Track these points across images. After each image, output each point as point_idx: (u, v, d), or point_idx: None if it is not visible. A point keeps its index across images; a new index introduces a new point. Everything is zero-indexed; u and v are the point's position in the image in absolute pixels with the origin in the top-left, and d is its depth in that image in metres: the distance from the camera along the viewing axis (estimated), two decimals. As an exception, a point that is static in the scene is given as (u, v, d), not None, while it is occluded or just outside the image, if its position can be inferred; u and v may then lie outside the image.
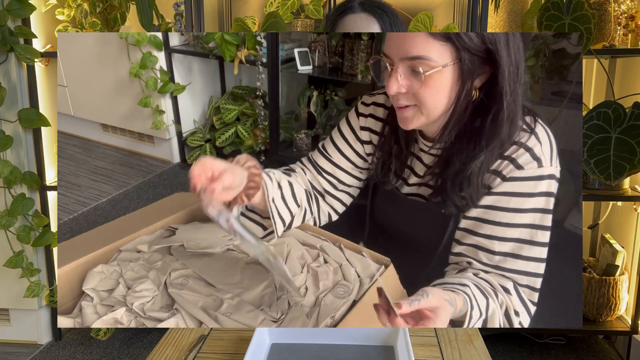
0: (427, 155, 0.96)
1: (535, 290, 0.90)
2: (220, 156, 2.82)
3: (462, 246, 0.92)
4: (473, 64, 0.80)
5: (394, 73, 0.81)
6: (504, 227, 0.87)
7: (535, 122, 0.88)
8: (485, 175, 0.87)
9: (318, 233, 1.01)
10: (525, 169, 0.85)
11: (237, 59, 2.33)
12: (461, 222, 0.92)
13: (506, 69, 0.80)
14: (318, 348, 0.89)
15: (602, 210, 2.17)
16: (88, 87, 2.96)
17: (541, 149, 0.86)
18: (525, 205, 0.86)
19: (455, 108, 0.84)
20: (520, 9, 2.14)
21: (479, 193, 0.88)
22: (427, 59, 0.78)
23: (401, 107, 0.85)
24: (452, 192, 0.89)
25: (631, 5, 1.85)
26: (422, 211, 0.98)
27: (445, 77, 0.80)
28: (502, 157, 0.86)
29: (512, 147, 0.86)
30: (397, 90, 0.82)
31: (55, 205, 2.16)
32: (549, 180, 0.86)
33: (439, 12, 2.16)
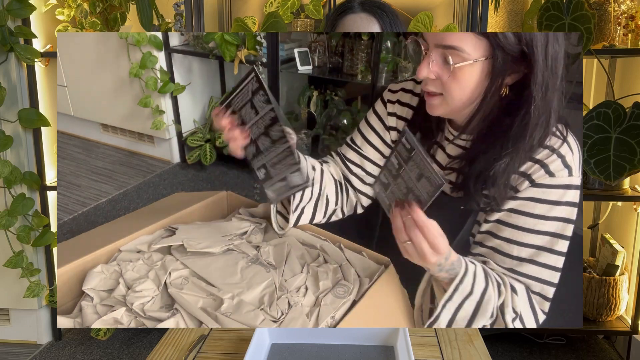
0: (452, 145, 0.95)
1: (547, 300, 0.89)
2: (220, 157, 2.82)
3: (483, 248, 0.90)
4: (506, 62, 0.79)
5: (427, 58, 0.81)
6: (526, 232, 0.86)
7: (567, 130, 0.86)
8: (513, 177, 0.86)
9: (318, 233, 1.01)
10: (557, 176, 0.84)
11: (237, 59, 2.33)
12: (483, 225, 0.91)
13: (539, 74, 0.79)
14: (318, 348, 0.89)
15: (602, 210, 2.17)
16: (88, 87, 2.95)
17: (572, 158, 0.85)
18: (551, 213, 0.85)
19: (482, 102, 0.83)
20: (520, 9, 2.14)
21: (504, 194, 0.86)
22: (460, 50, 0.78)
23: (428, 92, 0.85)
24: (475, 190, 0.88)
25: (631, 5, 1.85)
26: (442, 204, 0.95)
27: (475, 72, 0.80)
28: (533, 161, 0.85)
29: (544, 151, 0.84)
30: (426, 75, 0.82)
31: (55, 205, 2.16)
32: (575, 190, 0.85)
33: (439, 12, 2.16)
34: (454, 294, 0.80)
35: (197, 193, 1.22)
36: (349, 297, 0.84)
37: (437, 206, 0.95)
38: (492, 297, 0.83)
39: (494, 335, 2.12)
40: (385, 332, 0.90)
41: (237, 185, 2.73)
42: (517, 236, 0.86)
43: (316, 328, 0.80)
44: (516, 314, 0.85)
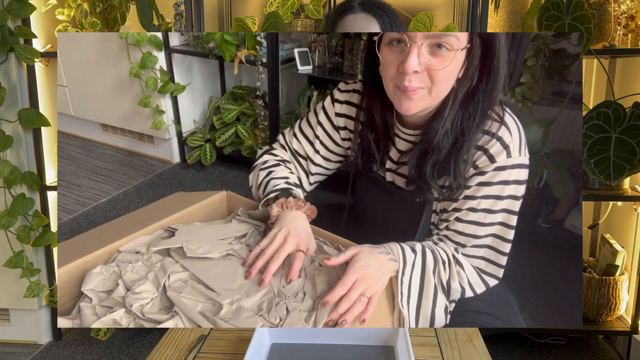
0: (401, 140, 0.99)
1: (500, 266, 0.96)
2: (220, 157, 2.82)
3: (442, 232, 0.97)
4: (479, 49, 0.85)
5: (415, 49, 0.82)
6: (480, 213, 0.93)
7: (503, 111, 0.91)
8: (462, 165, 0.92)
9: (317, 233, 1.01)
10: (497, 160, 0.89)
11: (237, 59, 2.33)
12: (441, 214, 0.98)
13: (501, 66, 0.85)
14: (318, 348, 0.89)
15: (602, 210, 2.17)
16: (88, 87, 2.95)
17: (510, 138, 0.89)
18: (501, 192, 0.91)
19: (449, 95, 0.88)
20: (520, 9, 2.14)
21: (459, 181, 0.91)
22: (454, 37, 0.81)
23: (411, 89, 0.85)
24: (432, 181, 0.93)
25: (631, 5, 1.85)
26: (398, 198, 1.02)
27: (459, 61, 0.84)
28: (476, 148, 0.90)
29: (485, 137, 0.89)
30: (416, 68, 0.82)
31: (55, 205, 2.16)
32: (518, 169, 0.90)
33: (439, 12, 2.16)
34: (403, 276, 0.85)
35: (197, 193, 1.22)
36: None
37: (395, 201, 1.02)
38: (436, 275, 0.89)
39: (494, 335, 2.12)
40: (385, 332, 0.90)
41: (237, 185, 2.73)
42: (468, 217, 0.93)
43: (316, 328, 0.80)
44: (462, 289, 0.93)
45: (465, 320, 0.98)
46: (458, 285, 0.92)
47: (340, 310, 0.75)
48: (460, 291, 0.93)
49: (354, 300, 0.76)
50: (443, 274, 0.90)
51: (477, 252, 0.95)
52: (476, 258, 0.95)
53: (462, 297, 0.95)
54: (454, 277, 0.92)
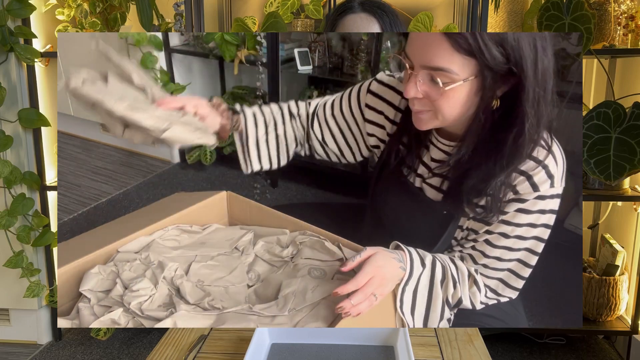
0: (436, 149, 0.95)
1: (516, 290, 0.96)
2: (220, 157, 2.82)
3: (466, 251, 0.96)
4: (495, 79, 0.78)
5: (413, 78, 0.80)
6: (511, 240, 0.91)
7: (551, 139, 0.87)
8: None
9: (317, 233, 1.01)
10: (540, 189, 0.86)
11: (237, 59, 2.33)
12: (469, 233, 0.95)
13: (531, 91, 0.78)
14: (318, 348, 0.89)
15: (602, 210, 2.17)
16: (88, 87, 2.95)
17: (556, 168, 0.86)
18: (535, 221, 0.89)
19: (474, 116, 0.83)
20: (520, 9, 2.14)
21: (497, 206, 0.88)
22: (449, 72, 0.76)
23: (416, 111, 0.84)
24: (467, 202, 0.90)
25: (631, 5, 1.85)
26: (425, 207, 0.98)
27: (464, 90, 0.79)
28: (518, 172, 0.86)
29: (530, 163, 0.85)
30: (415, 95, 0.81)
31: (55, 205, 2.16)
32: (557, 199, 0.89)
33: (439, 12, 2.16)
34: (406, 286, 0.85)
35: (197, 193, 1.22)
36: (325, 278, 0.86)
37: (421, 210, 0.99)
38: (443, 290, 0.89)
39: (494, 335, 2.12)
40: (385, 332, 0.90)
41: (237, 185, 2.73)
42: (499, 242, 0.91)
43: (316, 328, 0.80)
44: (473, 306, 0.93)
45: (468, 322, 0.98)
46: (469, 303, 0.92)
47: (353, 300, 0.75)
48: (471, 308, 0.93)
49: (368, 295, 0.77)
50: (452, 291, 0.89)
51: (497, 274, 0.94)
52: (494, 279, 0.94)
53: (471, 310, 0.95)
54: (465, 296, 0.91)
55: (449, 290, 0.89)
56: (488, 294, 0.95)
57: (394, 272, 0.82)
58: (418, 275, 0.86)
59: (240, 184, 2.74)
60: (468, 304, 0.93)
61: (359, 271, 0.79)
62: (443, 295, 0.89)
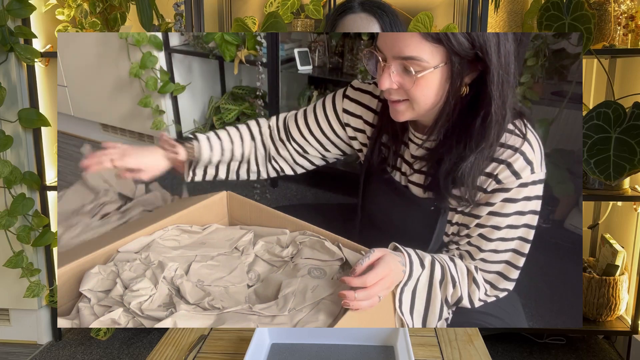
0: (415, 146, 0.98)
1: (511, 280, 0.97)
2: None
3: (462, 248, 0.97)
4: (462, 65, 0.82)
5: (387, 69, 0.83)
6: (502, 230, 0.92)
7: (525, 126, 0.90)
8: (480, 178, 0.90)
9: (317, 233, 1.01)
10: (522, 176, 0.88)
11: (237, 59, 2.33)
12: (460, 228, 0.96)
13: (495, 74, 0.82)
14: (318, 348, 0.89)
15: (602, 210, 2.17)
16: (88, 87, 2.95)
17: (533, 154, 0.88)
18: (523, 208, 0.91)
19: (445, 104, 0.86)
20: (520, 9, 2.14)
21: (473, 193, 0.91)
22: (420, 60, 0.80)
23: (393, 101, 0.88)
24: (445, 190, 0.92)
25: (631, 5, 1.85)
26: (412, 204, 1.01)
27: (436, 77, 0.82)
28: (497, 161, 0.89)
29: (507, 151, 0.88)
30: (389, 86, 0.84)
31: (55, 205, 2.16)
32: (539, 184, 0.90)
33: (439, 12, 2.16)
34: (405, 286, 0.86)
35: (198, 195, 1.22)
36: (324, 278, 0.87)
37: (409, 208, 1.01)
38: (442, 290, 0.90)
39: (494, 335, 2.12)
40: (385, 332, 0.90)
41: (237, 185, 2.73)
42: (493, 234, 0.92)
43: (316, 328, 0.80)
44: (472, 304, 0.94)
45: (467, 321, 0.98)
46: (468, 302, 0.94)
47: (357, 295, 0.76)
48: (470, 306, 0.94)
49: (373, 296, 0.78)
50: (451, 290, 0.90)
51: (495, 267, 0.95)
52: (492, 273, 0.96)
53: (470, 308, 0.96)
54: (465, 294, 0.92)
55: (448, 290, 0.90)
56: (488, 291, 0.96)
57: (399, 276, 0.84)
58: (417, 276, 0.87)
59: (240, 184, 2.74)
60: (467, 303, 0.93)
61: (370, 270, 0.79)
62: (442, 296, 0.90)
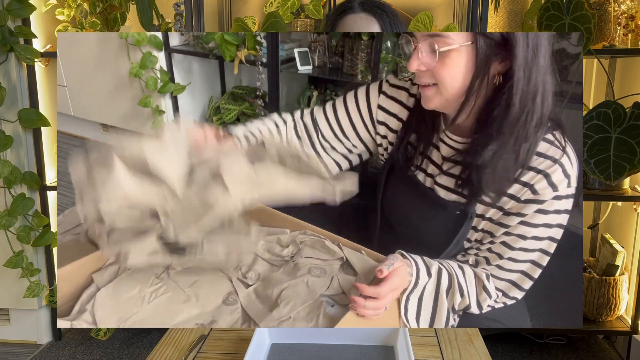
0: (447, 147, 0.96)
1: (523, 290, 0.96)
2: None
3: (482, 254, 0.95)
4: (489, 47, 0.81)
5: (416, 50, 0.84)
6: (528, 241, 0.91)
7: (564, 139, 0.88)
8: (515, 187, 0.88)
9: (317, 232, 1.01)
10: (559, 188, 0.86)
11: (237, 59, 2.33)
12: (485, 235, 0.95)
13: (521, 55, 0.80)
14: (318, 348, 0.89)
15: (602, 210, 2.17)
16: (88, 87, 2.95)
17: (571, 168, 0.87)
18: (553, 221, 0.89)
19: (471, 89, 0.84)
20: (520, 9, 2.14)
21: (503, 196, 0.89)
22: (445, 37, 0.81)
23: (423, 85, 0.87)
24: (473, 196, 0.90)
25: (631, 5, 1.85)
26: (436, 206, 0.98)
27: (462, 57, 0.82)
28: (535, 171, 0.87)
29: (546, 162, 0.86)
30: (417, 67, 0.84)
31: (55, 205, 2.16)
32: (571, 199, 0.89)
33: (439, 12, 2.16)
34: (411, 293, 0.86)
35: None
36: (326, 275, 0.87)
37: (432, 211, 0.98)
38: (449, 298, 0.90)
39: (494, 335, 2.12)
40: (385, 332, 0.90)
41: (237, 185, 2.73)
42: (517, 243, 0.91)
43: (316, 328, 0.80)
44: (480, 311, 0.93)
45: (471, 324, 0.97)
46: (477, 309, 0.93)
47: (367, 304, 0.77)
48: (477, 312, 0.93)
49: (382, 307, 0.79)
50: (459, 300, 0.89)
51: (509, 275, 0.94)
52: (505, 281, 0.94)
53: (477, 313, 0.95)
54: (474, 303, 0.92)
55: (455, 298, 0.89)
56: (498, 298, 0.94)
57: (406, 284, 0.84)
58: (424, 284, 0.86)
59: (240, 184, 2.74)
60: (475, 310, 0.92)
61: (384, 280, 0.80)
62: (449, 304, 0.89)
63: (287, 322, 0.80)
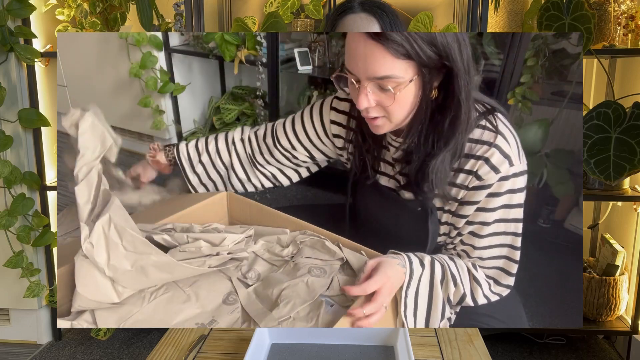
0: (394, 149, 1.00)
1: (511, 275, 0.97)
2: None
3: (458, 248, 0.98)
4: (432, 73, 0.83)
5: (363, 90, 0.84)
6: (491, 225, 0.93)
7: (496, 120, 0.91)
8: (461, 176, 0.91)
9: (318, 232, 1.01)
10: (501, 170, 0.89)
11: (237, 59, 2.33)
12: (451, 229, 0.98)
13: (461, 77, 0.84)
14: (318, 348, 0.89)
15: (602, 210, 2.17)
16: (88, 87, 2.95)
17: (509, 147, 0.89)
18: (510, 201, 0.92)
19: (419, 110, 0.88)
20: (520, 9, 2.14)
21: (448, 190, 0.93)
22: (395, 77, 0.81)
23: (371, 118, 0.89)
24: (420, 189, 0.94)
25: (631, 5, 1.85)
26: (399, 209, 1.02)
27: (411, 90, 0.84)
28: (475, 157, 0.90)
29: (483, 147, 0.89)
30: (368, 105, 0.86)
31: (56, 205, 2.16)
32: (521, 176, 0.91)
33: (439, 12, 2.16)
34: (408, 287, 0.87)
35: (197, 193, 1.22)
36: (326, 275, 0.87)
37: (396, 210, 1.02)
38: (443, 289, 0.91)
39: (494, 335, 2.12)
40: (385, 332, 0.90)
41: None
42: (483, 231, 0.93)
43: (316, 328, 0.80)
44: (475, 302, 0.95)
45: (470, 323, 0.98)
46: (472, 300, 0.94)
47: (366, 310, 0.78)
48: (473, 304, 0.95)
49: (380, 307, 0.79)
50: (453, 289, 0.91)
51: (494, 262, 0.96)
52: (492, 269, 0.96)
53: (473, 306, 0.96)
54: (468, 292, 0.93)
55: (449, 289, 0.91)
56: (492, 286, 0.96)
57: (400, 280, 0.85)
58: (418, 277, 0.87)
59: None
60: (470, 301, 0.94)
61: (370, 278, 0.80)
62: (444, 295, 0.90)
63: (287, 322, 0.80)
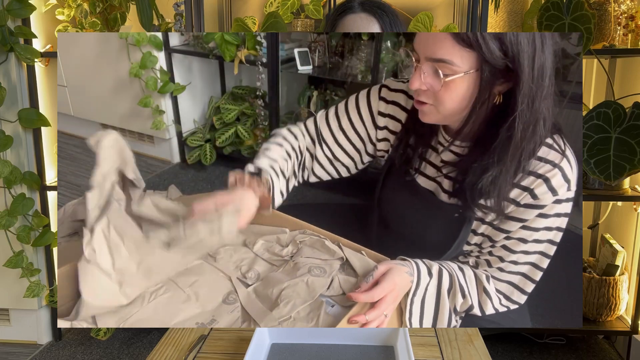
0: (446, 151, 0.96)
1: (526, 294, 0.95)
2: (220, 157, 2.82)
3: (483, 257, 0.95)
4: (494, 74, 0.80)
5: (418, 70, 0.83)
6: (527, 244, 0.91)
7: (564, 143, 0.88)
8: (515, 191, 0.88)
9: (317, 232, 1.01)
10: (559, 192, 0.86)
11: (237, 59, 2.33)
12: (484, 239, 0.95)
13: (525, 86, 0.79)
14: (318, 348, 0.89)
15: (602, 210, 2.17)
16: (88, 87, 2.95)
17: (571, 172, 0.87)
18: (552, 224, 0.89)
19: (472, 111, 0.84)
20: (520, 9, 2.14)
21: (502, 204, 0.88)
22: (450, 63, 0.79)
23: (418, 103, 0.87)
24: (472, 199, 0.90)
25: (631, 5, 1.85)
26: (435, 209, 0.98)
27: (465, 83, 0.81)
28: (535, 175, 0.86)
29: (546, 166, 0.86)
30: (419, 87, 0.83)
31: (55, 205, 2.16)
32: (571, 202, 0.89)
33: (439, 12, 2.16)
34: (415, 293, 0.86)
35: (197, 193, 1.22)
36: (326, 275, 0.87)
37: (432, 213, 0.98)
38: (451, 299, 0.90)
39: (494, 335, 2.12)
40: (385, 332, 0.90)
41: (237, 185, 2.73)
42: (518, 247, 0.91)
43: (316, 328, 0.80)
44: (483, 313, 0.93)
45: (473, 324, 0.97)
46: (480, 311, 0.93)
47: (368, 317, 0.78)
48: (480, 314, 0.93)
49: (381, 314, 0.79)
50: (460, 300, 0.89)
51: (510, 277, 0.93)
52: (505, 283, 0.94)
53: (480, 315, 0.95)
54: (476, 304, 0.92)
55: (457, 299, 0.89)
56: (502, 301, 0.94)
57: (406, 288, 0.84)
58: (425, 285, 0.86)
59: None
60: (478, 312, 0.92)
61: (377, 285, 0.80)
62: (450, 305, 0.89)
63: (287, 322, 0.80)
